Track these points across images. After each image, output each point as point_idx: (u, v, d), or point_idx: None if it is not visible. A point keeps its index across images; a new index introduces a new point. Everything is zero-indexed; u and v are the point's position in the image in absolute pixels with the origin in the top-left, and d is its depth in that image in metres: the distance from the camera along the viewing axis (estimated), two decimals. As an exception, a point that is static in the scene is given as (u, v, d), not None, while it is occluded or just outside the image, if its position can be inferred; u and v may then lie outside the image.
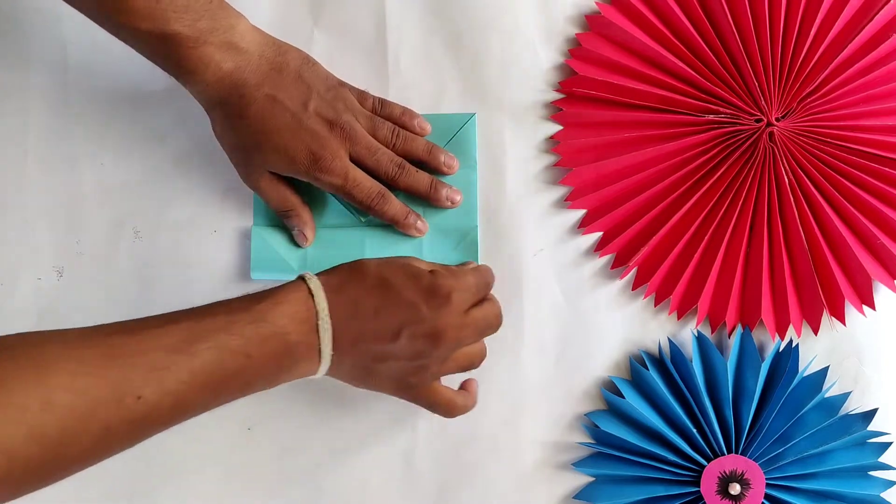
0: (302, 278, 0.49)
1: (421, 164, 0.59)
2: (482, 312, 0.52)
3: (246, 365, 0.46)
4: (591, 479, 0.59)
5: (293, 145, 0.54)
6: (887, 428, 0.58)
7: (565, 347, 0.60)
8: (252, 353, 0.46)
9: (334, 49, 0.61)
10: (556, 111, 0.60)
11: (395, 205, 0.58)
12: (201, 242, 0.60)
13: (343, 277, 0.50)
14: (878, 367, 0.59)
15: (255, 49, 0.54)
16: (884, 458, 0.57)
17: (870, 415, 0.58)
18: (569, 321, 0.60)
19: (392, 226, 0.59)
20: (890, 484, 0.57)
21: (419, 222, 0.59)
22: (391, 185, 0.58)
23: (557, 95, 0.60)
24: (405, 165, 0.57)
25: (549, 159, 0.60)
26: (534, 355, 0.60)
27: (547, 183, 0.60)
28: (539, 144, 0.60)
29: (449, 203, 0.59)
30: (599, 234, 0.60)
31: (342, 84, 0.57)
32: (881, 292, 0.58)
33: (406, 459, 0.60)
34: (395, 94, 0.60)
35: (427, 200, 0.59)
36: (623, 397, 0.58)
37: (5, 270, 0.60)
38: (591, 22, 0.59)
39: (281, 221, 0.60)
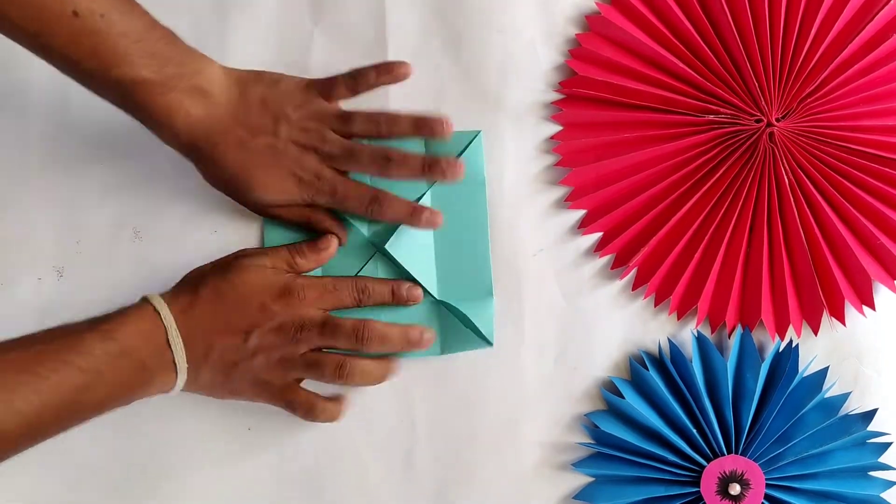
0: (145, 298, 0.52)
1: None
2: (337, 321, 0.54)
3: (97, 382, 0.47)
4: (591, 479, 0.59)
5: (278, 176, 0.55)
6: (887, 428, 0.58)
7: (565, 347, 0.60)
8: (103, 370, 0.47)
9: (334, 49, 0.61)
10: (556, 111, 0.60)
11: (394, 204, 0.57)
12: (201, 242, 0.60)
13: (186, 290, 0.53)
14: (878, 367, 0.59)
15: (222, 92, 0.53)
16: (884, 459, 0.57)
17: (870, 415, 0.58)
18: (569, 321, 0.60)
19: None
20: (890, 484, 0.57)
21: (428, 214, 0.57)
22: (384, 178, 0.56)
23: (557, 96, 0.60)
24: (393, 156, 0.55)
25: (549, 159, 0.60)
26: (534, 355, 0.60)
27: (547, 183, 0.60)
28: (539, 144, 0.60)
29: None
30: (599, 234, 0.60)
31: (309, 86, 0.56)
32: (881, 292, 0.58)
33: (406, 459, 0.60)
34: (396, 95, 0.60)
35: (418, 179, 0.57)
36: (623, 397, 0.58)
37: (5, 270, 0.60)
38: (591, 22, 0.59)
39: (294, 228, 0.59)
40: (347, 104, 0.57)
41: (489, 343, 0.59)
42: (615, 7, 0.59)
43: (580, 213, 0.60)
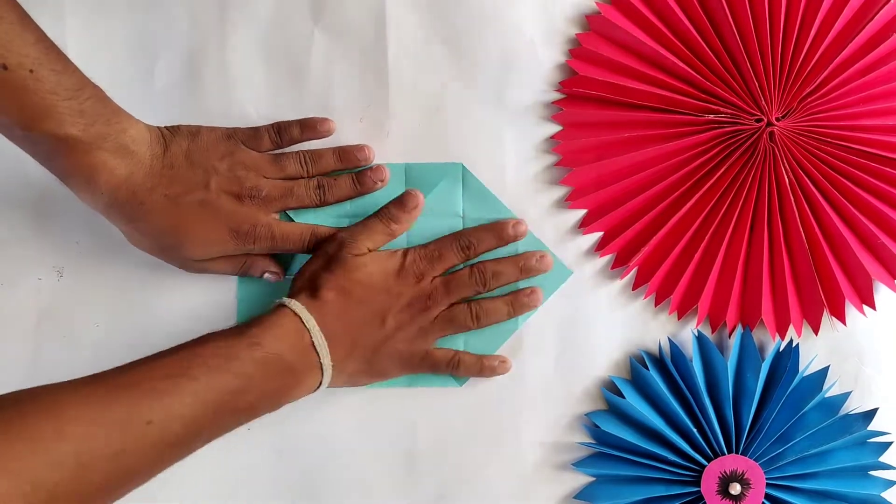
0: (282, 304, 0.53)
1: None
2: (456, 275, 0.57)
3: (248, 385, 0.48)
4: (592, 479, 0.59)
5: (213, 230, 0.54)
6: (887, 428, 0.58)
7: (565, 347, 0.60)
8: (253, 373, 0.49)
9: (334, 49, 0.61)
10: (556, 111, 0.60)
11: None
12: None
13: (311, 294, 0.54)
14: (878, 366, 0.59)
15: (145, 150, 0.52)
16: (884, 458, 0.57)
17: (870, 414, 0.58)
18: (569, 321, 0.60)
19: None
20: (890, 484, 0.57)
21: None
22: (322, 206, 0.58)
23: (557, 95, 0.60)
24: (323, 183, 0.58)
25: (549, 159, 0.60)
26: (534, 355, 0.60)
27: (547, 183, 0.60)
28: (539, 144, 0.60)
29: (379, 183, 0.59)
30: (600, 234, 0.60)
31: (231, 136, 0.57)
32: (881, 292, 0.58)
33: (406, 459, 0.60)
34: (395, 95, 0.60)
35: (360, 195, 0.59)
36: (623, 397, 0.58)
37: (5, 270, 0.60)
38: (591, 22, 0.59)
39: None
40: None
41: (456, 383, 0.60)
42: (615, 7, 0.59)
43: (580, 213, 0.60)
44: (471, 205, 0.60)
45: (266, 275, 0.58)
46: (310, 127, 0.58)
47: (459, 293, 0.57)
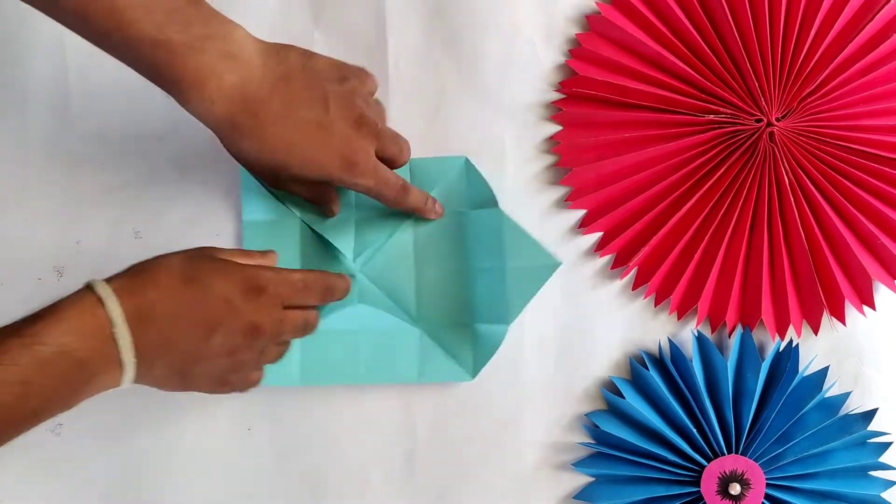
0: (89, 286, 0.45)
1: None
2: (302, 315, 0.51)
3: (26, 393, 0.41)
4: (591, 479, 0.59)
5: (323, 154, 0.51)
6: (887, 428, 0.58)
7: (565, 347, 0.60)
8: (31, 379, 0.41)
9: (334, 49, 0.60)
10: (556, 111, 0.60)
11: (415, 193, 0.57)
12: (201, 243, 0.60)
13: (139, 278, 0.46)
14: (878, 366, 0.59)
15: (257, 60, 0.49)
16: (884, 458, 0.57)
17: (870, 415, 0.58)
18: (569, 321, 0.60)
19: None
20: (890, 484, 0.57)
21: (437, 206, 0.59)
22: (400, 166, 0.56)
23: (557, 95, 0.60)
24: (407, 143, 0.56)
25: (549, 159, 0.60)
26: (534, 355, 0.60)
27: (547, 183, 0.60)
28: (539, 144, 0.60)
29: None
30: (599, 234, 0.60)
31: (343, 67, 0.54)
32: (881, 292, 0.58)
33: (406, 459, 0.60)
34: (395, 95, 0.60)
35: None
36: (623, 397, 0.58)
37: (5, 270, 0.60)
38: (591, 22, 0.59)
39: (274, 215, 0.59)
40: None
41: (468, 376, 0.59)
42: (615, 7, 0.59)
43: (580, 213, 0.60)
44: (474, 198, 0.59)
45: (324, 208, 0.57)
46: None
47: (294, 331, 0.51)
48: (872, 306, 0.57)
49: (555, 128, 0.60)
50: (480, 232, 0.59)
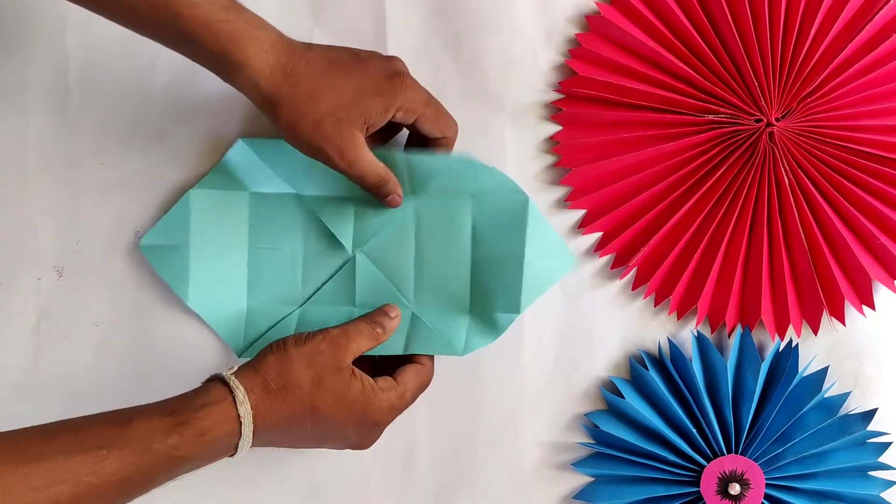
0: (225, 384, 0.49)
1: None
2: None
3: (160, 464, 0.47)
4: (591, 479, 0.59)
5: (373, 80, 0.52)
6: (887, 428, 0.58)
7: (565, 347, 0.60)
8: (166, 458, 0.46)
9: (334, 49, 0.61)
10: (556, 111, 0.60)
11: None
12: (201, 242, 0.60)
13: (271, 395, 0.50)
14: (877, 367, 0.59)
15: (298, 45, 0.52)
16: (883, 458, 0.57)
17: (869, 415, 0.58)
18: (569, 321, 0.60)
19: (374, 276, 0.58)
20: (890, 484, 0.57)
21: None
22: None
23: (557, 95, 0.60)
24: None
25: (549, 159, 0.60)
26: (534, 355, 0.60)
27: (547, 183, 0.60)
28: (539, 144, 0.60)
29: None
30: (599, 234, 0.60)
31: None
32: (881, 292, 0.58)
33: (406, 459, 0.60)
34: (395, 94, 0.60)
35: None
36: (623, 397, 0.58)
37: (5, 270, 0.60)
38: (591, 22, 0.59)
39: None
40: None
41: (459, 351, 0.57)
42: (615, 7, 0.59)
43: (580, 213, 0.60)
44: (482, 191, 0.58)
45: (390, 198, 0.55)
46: None
47: None
48: (872, 306, 0.57)
49: (555, 128, 0.60)
50: (499, 219, 0.58)
